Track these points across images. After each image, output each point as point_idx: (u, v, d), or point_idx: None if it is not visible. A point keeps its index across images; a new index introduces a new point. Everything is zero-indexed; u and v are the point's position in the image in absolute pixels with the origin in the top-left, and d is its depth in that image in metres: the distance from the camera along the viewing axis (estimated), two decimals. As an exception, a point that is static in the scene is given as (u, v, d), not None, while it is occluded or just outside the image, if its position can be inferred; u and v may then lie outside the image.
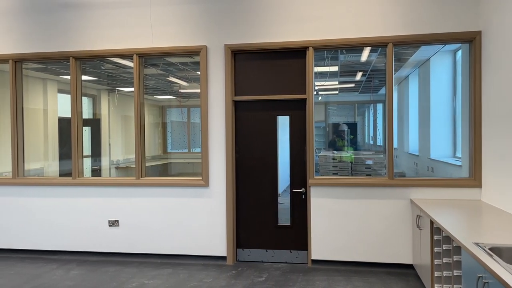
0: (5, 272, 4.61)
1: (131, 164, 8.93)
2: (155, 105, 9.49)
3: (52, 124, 7.29)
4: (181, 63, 6.57)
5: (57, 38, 5.09)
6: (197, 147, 10.04)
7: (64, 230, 5.13)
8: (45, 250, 5.21)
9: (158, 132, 9.63)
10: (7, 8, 5.16)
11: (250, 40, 4.73)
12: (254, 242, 4.89)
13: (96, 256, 5.11)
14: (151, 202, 4.97)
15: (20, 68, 5.31)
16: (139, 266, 4.77)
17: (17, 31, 5.16)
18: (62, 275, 4.50)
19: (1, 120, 5.94)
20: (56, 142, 7.26)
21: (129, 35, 4.95)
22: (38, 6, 5.11)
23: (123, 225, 5.01)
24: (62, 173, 7.17)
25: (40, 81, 6.98)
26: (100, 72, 7.46)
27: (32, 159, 5.88)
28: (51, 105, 7.26)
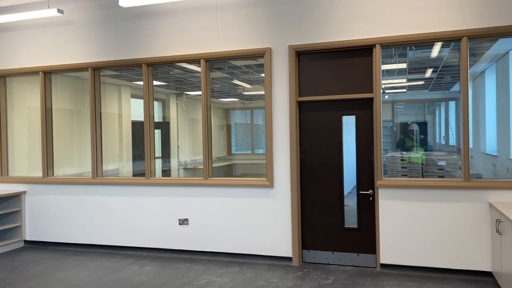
0: (86, 265, 4.98)
1: (198, 165, 9.24)
2: (220, 107, 9.73)
3: (126, 127, 7.75)
4: (245, 65, 6.69)
5: (130, 46, 5.41)
6: (260, 148, 10.16)
7: (138, 227, 5.43)
8: (122, 246, 5.55)
9: (222, 134, 9.87)
10: (86, 20, 5.58)
11: (314, 40, 4.70)
12: (320, 244, 4.85)
13: (168, 253, 5.34)
14: (218, 201, 5.10)
15: (98, 75, 5.71)
16: (208, 264, 4.92)
17: (95, 41, 5.55)
18: (137, 270, 4.77)
19: (82, 124, 6.43)
20: (130, 144, 7.71)
21: (197, 41, 5.13)
22: (113, 16, 5.46)
23: (192, 223, 5.20)
24: (135, 173, 7.61)
25: (115, 87, 7.45)
26: (169, 77, 7.80)
27: (108, 161, 6.30)
28: (125, 110, 7.72)
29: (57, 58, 5.70)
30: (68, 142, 6.41)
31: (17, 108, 6.17)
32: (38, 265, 5.01)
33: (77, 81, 6.56)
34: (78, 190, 5.66)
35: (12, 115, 6.14)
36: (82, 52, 5.61)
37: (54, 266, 4.96)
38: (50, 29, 5.72)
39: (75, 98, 6.65)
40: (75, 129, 6.60)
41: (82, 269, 4.83)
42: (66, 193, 5.72)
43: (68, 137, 6.42)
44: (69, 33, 5.64)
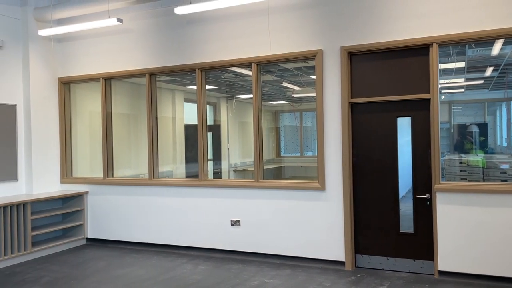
0: (143, 263, 5.18)
1: (248, 167, 9.35)
2: (269, 110, 9.79)
3: (179, 130, 8.00)
4: (295, 68, 6.69)
5: (184, 52, 5.59)
6: (309, 150, 10.09)
7: (191, 227, 5.58)
8: (176, 245, 5.72)
9: (272, 136, 9.91)
10: (143, 28, 5.82)
11: (366, 41, 4.62)
12: (373, 249, 4.74)
13: (220, 253, 5.45)
14: (269, 203, 5.13)
15: (154, 80, 5.94)
16: (260, 265, 4.96)
17: (151, 48, 5.78)
18: (191, 269, 4.90)
19: (138, 128, 6.71)
20: (183, 146, 7.94)
21: (248, 45, 5.20)
22: (169, 24, 5.67)
23: (244, 225, 5.27)
24: (187, 175, 7.83)
25: (169, 92, 7.71)
26: (219, 81, 7.97)
27: (163, 163, 6.52)
28: (178, 113, 7.96)
29: (116, 64, 6.00)
30: (125, 145, 6.72)
31: (80, 113, 6.55)
32: (99, 262, 5.29)
33: (133, 87, 6.86)
34: (136, 190, 5.92)
35: (76, 120, 6.53)
36: (139, 58, 5.86)
37: (113, 263, 5.21)
38: (110, 38, 6.03)
39: (132, 103, 6.95)
40: (132, 133, 6.90)
41: (140, 266, 5.04)
42: (124, 193, 5.99)
43: (125, 140, 6.73)
44: (127, 41, 5.92)
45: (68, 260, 5.40)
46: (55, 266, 5.14)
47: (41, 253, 5.61)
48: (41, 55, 6.12)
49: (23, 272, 4.91)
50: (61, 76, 6.37)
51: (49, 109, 6.24)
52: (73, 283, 4.49)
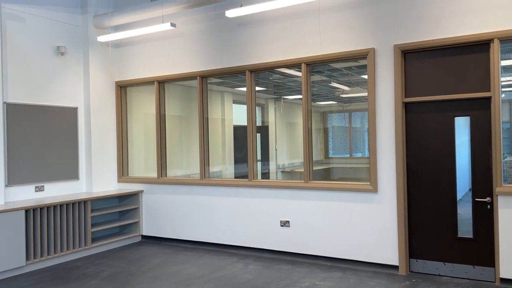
0: (196, 261, 5.32)
1: (296, 168, 9.31)
2: (317, 111, 9.70)
3: (228, 131, 8.12)
4: (345, 67, 6.59)
5: (235, 54, 5.67)
6: (359, 152, 9.90)
7: (241, 227, 5.65)
8: (226, 245, 5.82)
9: (319, 137, 9.83)
10: (195, 32, 5.98)
11: (421, 38, 4.48)
12: (429, 253, 4.58)
13: (270, 253, 5.47)
14: (319, 205, 5.10)
15: (205, 83, 6.08)
16: (310, 266, 4.93)
17: (203, 51, 5.93)
18: (241, 268, 4.96)
19: (189, 129, 6.89)
20: (232, 147, 8.06)
21: (298, 45, 5.20)
22: (219, 27, 5.78)
23: (294, 225, 5.26)
24: (236, 175, 7.93)
25: (219, 94, 7.85)
26: (268, 82, 8.01)
27: (212, 163, 6.66)
28: (227, 115, 8.09)
29: (170, 68, 6.21)
30: (177, 146, 6.92)
31: (135, 115, 6.84)
32: (153, 258, 5.48)
33: (185, 89, 7.05)
34: (188, 190, 6.08)
35: (131, 122, 6.82)
36: (191, 61, 6.02)
37: (167, 260, 5.39)
38: (164, 42, 6.24)
39: (183, 105, 7.15)
40: (183, 134, 7.09)
41: (192, 264, 5.17)
42: (177, 192, 6.18)
43: (177, 141, 6.93)
44: (179, 44, 6.11)
45: (125, 256, 5.64)
46: (113, 261, 5.39)
47: (99, 248, 5.90)
48: (100, 60, 6.45)
49: (83, 267, 5.19)
50: (118, 80, 6.68)
51: (107, 111, 6.56)
52: (130, 278, 4.69)
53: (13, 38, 5.52)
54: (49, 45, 5.95)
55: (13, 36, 5.52)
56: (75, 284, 4.55)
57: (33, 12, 5.76)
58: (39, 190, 5.78)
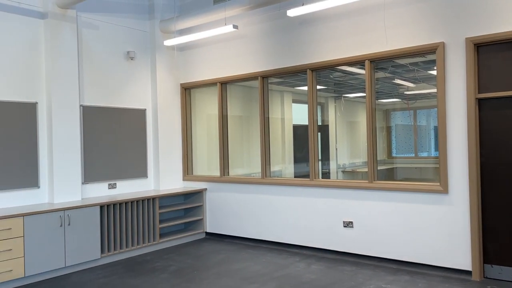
0: (258, 259, 5.38)
1: (357, 168, 9.11)
2: (379, 109, 9.41)
3: (288, 131, 8.12)
4: (410, 63, 6.35)
5: (295, 53, 5.67)
6: (424, 151, 9.46)
7: (303, 227, 5.63)
8: (288, 244, 5.83)
9: (382, 136, 9.52)
10: (256, 32, 6.05)
11: (495, 30, 4.20)
12: (506, 259, 4.28)
13: (332, 254, 5.41)
14: (385, 206, 4.95)
15: (266, 83, 6.14)
16: (375, 269, 4.81)
17: (263, 51, 5.98)
18: (304, 268, 4.95)
19: (250, 129, 6.98)
20: (291, 147, 8.05)
21: (361, 42, 5.09)
22: (280, 27, 5.80)
23: (357, 226, 5.15)
24: (296, 175, 7.91)
25: (279, 93, 7.88)
26: (328, 80, 7.91)
27: (273, 162, 6.69)
28: (287, 114, 8.09)
29: (232, 69, 6.33)
30: (238, 145, 7.04)
31: (199, 116, 7.05)
32: (217, 255, 5.63)
33: (246, 90, 7.16)
34: (249, 189, 6.17)
35: (195, 122, 7.05)
36: (252, 62, 6.10)
37: (231, 257, 5.50)
38: (226, 44, 6.38)
39: (244, 105, 7.27)
40: (244, 134, 7.20)
41: (255, 262, 5.24)
42: (239, 191, 6.29)
43: (238, 141, 7.06)
44: (241, 46, 6.21)
45: (190, 252, 5.84)
46: (180, 256, 5.60)
47: (166, 244, 6.16)
48: (166, 63, 6.73)
49: (152, 261, 5.45)
50: (183, 82, 6.93)
51: (172, 112, 6.83)
52: (196, 273, 4.85)
53: (88, 44, 5.92)
54: (120, 50, 6.31)
55: (88, 43, 5.92)
56: (146, 277, 4.79)
57: (106, 19, 6.14)
58: (112, 188, 6.15)
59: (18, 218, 4.57)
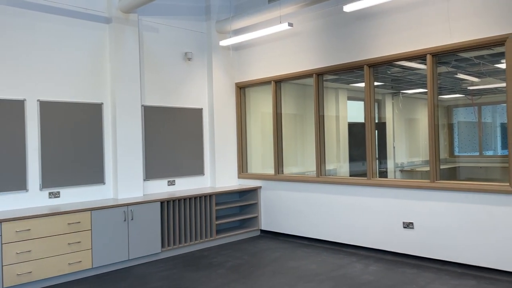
0: (313, 258, 5.34)
1: (416, 167, 8.76)
2: (440, 105, 9.00)
3: (343, 129, 7.98)
4: (475, 56, 6.00)
5: (351, 49, 5.55)
6: (490, 149, 8.93)
7: (360, 227, 5.51)
8: (344, 244, 5.74)
9: (443, 134, 9.09)
10: (310, 30, 6.00)
11: None
12: None
13: (391, 255, 5.24)
14: (447, 206, 4.72)
15: (321, 80, 6.07)
16: (438, 272, 4.60)
17: (318, 48, 5.92)
18: (362, 268, 4.84)
19: (304, 127, 6.94)
20: (346, 145, 7.91)
21: (422, 35, 4.88)
22: (336, 23, 5.71)
23: (418, 228, 4.96)
24: (351, 173, 7.75)
25: (333, 91, 7.77)
26: (385, 76, 7.67)
27: (327, 161, 6.61)
28: (341, 112, 7.96)
29: (286, 67, 6.32)
30: (292, 144, 7.02)
31: (253, 114, 7.12)
32: (272, 253, 5.65)
33: (299, 88, 7.13)
34: (304, 187, 6.14)
35: (250, 121, 7.12)
36: (307, 59, 6.06)
37: (286, 255, 5.50)
38: (280, 42, 6.38)
39: (298, 103, 7.24)
40: (298, 132, 7.18)
41: (310, 261, 5.20)
42: (293, 189, 6.27)
43: (292, 139, 7.04)
44: (296, 43, 6.18)
45: (246, 248, 5.92)
46: (236, 253, 5.69)
47: (223, 240, 6.28)
48: (222, 63, 6.86)
49: (209, 256, 5.58)
50: (238, 81, 7.03)
51: (228, 111, 6.95)
52: (252, 270, 4.90)
53: (149, 47, 6.17)
54: (178, 51, 6.51)
55: (149, 45, 6.17)
56: (204, 271, 4.92)
57: (165, 22, 6.36)
58: (171, 184, 6.37)
59: (86, 212, 4.86)
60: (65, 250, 4.68)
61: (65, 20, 5.35)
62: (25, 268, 4.40)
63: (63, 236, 4.68)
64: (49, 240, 4.58)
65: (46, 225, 4.56)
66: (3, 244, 4.27)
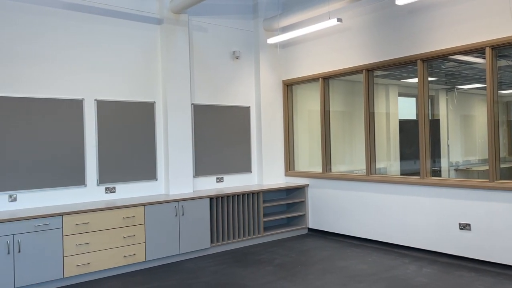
0: (364, 258, 5.23)
1: (472, 166, 8.34)
2: (499, 101, 8.51)
3: (393, 126, 7.74)
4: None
5: (403, 44, 5.37)
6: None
7: (412, 227, 5.33)
8: (395, 244, 5.57)
9: (502, 131, 8.59)
10: (360, 25, 5.87)
11: None
12: None
13: (446, 257, 5.03)
14: (509, 207, 4.46)
15: (371, 76, 5.92)
16: (497, 276, 4.36)
17: (368, 43, 5.77)
18: (415, 270, 4.68)
19: (352, 125, 6.80)
20: (397, 143, 7.66)
21: (479, 27, 4.64)
22: (387, 17, 5.55)
23: (476, 229, 4.72)
24: (402, 172, 7.51)
25: (383, 87, 7.55)
26: (439, 71, 7.36)
27: (377, 159, 6.43)
28: (392, 109, 7.72)
29: (334, 64, 6.23)
30: (340, 141, 6.91)
31: (300, 112, 7.08)
32: (321, 251, 5.60)
33: (348, 84, 6.99)
34: (353, 186, 6.02)
35: (296, 118, 7.08)
36: (356, 55, 5.93)
37: (334, 254, 5.43)
38: (328, 38, 6.29)
39: (346, 100, 7.10)
40: (346, 130, 7.04)
41: (360, 261, 5.10)
42: (342, 188, 6.17)
43: (340, 136, 6.92)
44: (344, 39, 6.07)
45: (294, 246, 5.90)
46: (283, 250, 5.69)
47: (270, 237, 6.30)
48: (269, 61, 6.87)
49: (257, 253, 5.61)
50: (285, 79, 7.01)
51: (275, 109, 6.95)
52: (300, 268, 4.88)
53: (198, 46, 6.29)
54: (226, 50, 6.60)
55: (198, 44, 6.29)
56: (253, 268, 4.96)
57: (213, 21, 6.46)
58: (219, 181, 6.47)
59: (140, 207, 5.04)
60: (120, 243, 4.89)
61: (120, 22, 5.56)
62: (84, 259, 4.64)
63: (118, 230, 4.88)
64: (106, 233, 4.79)
65: (103, 219, 4.78)
66: (64, 236, 4.53)
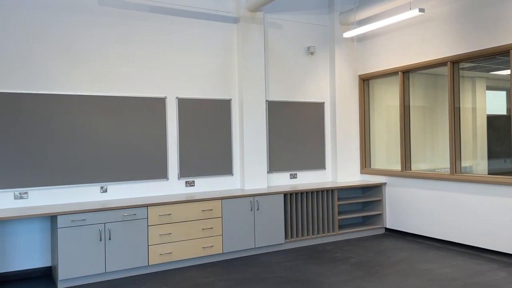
0: (447, 262, 4.94)
1: None
2: None
3: (481, 122, 7.19)
4: None
5: (494, 33, 4.96)
6: None
7: (504, 231, 4.93)
8: (482, 248, 5.19)
9: None
10: (444, 14, 5.52)
11: None
12: None
13: (543, 266, 4.59)
14: None
15: (457, 69, 5.55)
16: None
17: (453, 34, 5.42)
18: (505, 277, 4.33)
19: (434, 120, 6.43)
20: (484, 140, 7.11)
21: None
22: (475, 4, 5.16)
23: None
24: (490, 172, 6.96)
25: (469, 80, 7.04)
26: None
27: (462, 157, 6.02)
28: (479, 103, 7.18)
29: (415, 56, 5.93)
30: (421, 138, 6.56)
31: (377, 107, 6.84)
32: (399, 252, 5.38)
33: (429, 78, 6.61)
34: (435, 185, 5.70)
35: (373, 114, 6.86)
36: (440, 47, 5.60)
37: (414, 256, 5.19)
38: (408, 30, 6.01)
39: (427, 95, 6.73)
40: (427, 126, 6.68)
41: (444, 264, 4.82)
42: (422, 187, 5.88)
43: (421, 133, 6.58)
44: (425, 30, 5.75)
45: (370, 246, 5.73)
46: (359, 249, 5.56)
47: (345, 236, 6.18)
48: (344, 55, 6.72)
49: (332, 251, 5.54)
50: (361, 73, 6.82)
51: (350, 105, 6.80)
52: (378, 269, 4.73)
53: (273, 43, 6.34)
54: (300, 46, 6.57)
55: (273, 41, 6.33)
56: (328, 265, 4.91)
57: (288, 18, 6.46)
58: (293, 177, 6.48)
59: (217, 201, 5.22)
60: (199, 235, 5.10)
61: (199, 23, 5.78)
62: (166, 248, 4.91)
63: (198, 222, 5.09)
64: (186, 225, 5.03)
65: (184, 211, 5.01)
66: (149, 226, 4.82)
